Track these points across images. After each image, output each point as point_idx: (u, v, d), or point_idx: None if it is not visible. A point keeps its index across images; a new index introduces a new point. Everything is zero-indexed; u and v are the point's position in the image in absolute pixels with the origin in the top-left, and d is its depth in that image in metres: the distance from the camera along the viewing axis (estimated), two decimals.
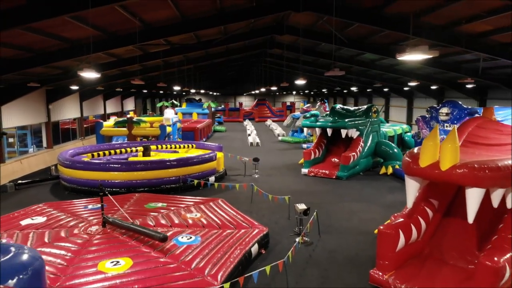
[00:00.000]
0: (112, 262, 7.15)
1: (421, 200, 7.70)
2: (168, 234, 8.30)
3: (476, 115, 13.74)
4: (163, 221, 9.43)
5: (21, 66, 11.17)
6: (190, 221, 9.49)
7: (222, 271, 6.94)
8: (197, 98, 52.53)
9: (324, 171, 16.82)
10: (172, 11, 9.86)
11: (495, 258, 5.96)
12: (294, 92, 60.01)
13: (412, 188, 6.76)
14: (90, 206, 11.00)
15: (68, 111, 23.51)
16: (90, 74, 9.51)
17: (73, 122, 25.40)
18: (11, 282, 3.77)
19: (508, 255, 6.15)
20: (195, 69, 27.03)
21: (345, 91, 36.82)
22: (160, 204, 10.97)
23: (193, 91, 34.63)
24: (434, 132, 6.42)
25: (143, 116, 25.20)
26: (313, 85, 42.66)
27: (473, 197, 6.04)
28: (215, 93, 57.49)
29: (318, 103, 31.23)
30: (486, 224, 7.38)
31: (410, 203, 6.91)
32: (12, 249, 4.24)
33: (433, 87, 21.98)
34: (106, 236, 8.49)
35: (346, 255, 8.60)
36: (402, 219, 7.37)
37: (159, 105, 36.65)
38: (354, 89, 31.22)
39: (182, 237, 8.34)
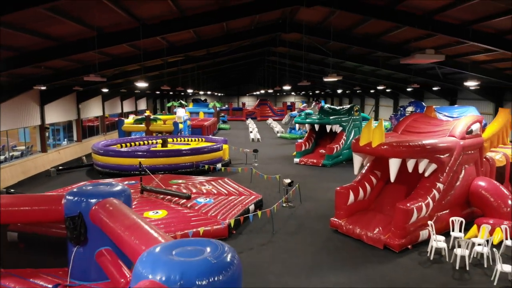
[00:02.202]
0: (153, 212, 10.43)
1: (368, 171, 10.91)
2: None
3: (435, 112, 16.94)
4: (184, 191, 12.69)
5: (72, 74, 14.49)
6: (204, 191, 12.78)
7: (229, 217, 10.20)
8: (202, 98, 55.79)
9: (312, 160, 20.03)
10: (191, 35, 13.12)
11: (407, 204, 9.14)
12: (293, 93, 63.12)
13: (357, 160, 10.01)
14: (126, 182, 14.29)
15: (93, 110, 26.94)
16: (142, 84, 12.88)
17: (94, 120, 28.73)
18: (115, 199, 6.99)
19: (418, 204, 9.31)
20: (203, 73, 30.33)
21: (338, 91, 40.06)
22: (180, 181, 14.27)
23: (201, 92, 37.94)
24: (369, 122, 9.64)
25: (158, 115, 28.53)
26: (309, 87, 45.93)
27: (393, 164, 9.25)
28: (219, 94, 60.67)
29: (313, 103, 34.39)
30: (412, 187, 10.55)
31: (356, 171, 10.17)
32: (111, 185, 7.48)
33: (409, 89, 25.14)
34: (145, 199, 11.79)
35: (318, 213, 11.82)
36: (353, 184, 10.60)
37: (168, 105, 40.00)
38: (340, 91, 34.48)
39: (200, 199, 11.63)
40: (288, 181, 12.84)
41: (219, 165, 17.90)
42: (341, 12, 11.08)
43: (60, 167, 18.91)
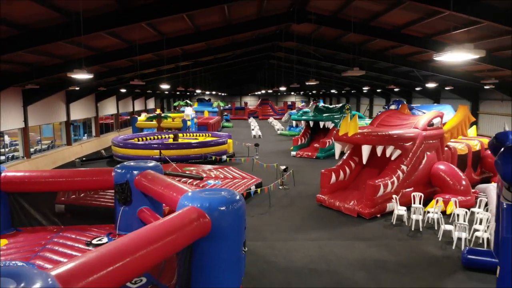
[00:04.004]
0: None
1: (348, 157, 13.31)
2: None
3: (414, 110, 19.30)
4: None
5: (99, 77, 16.97)
6: (213, 175, 15.22)
7: None
8: (206, 98, 58.21)
9: (307, 153, 22.43)
10: (203, 44, 15.59)
11: (376, 181, 11.51)
12: (293, 93, 65.45)
13: (337, 147, 12.43)
14: None
15: (109, 108, 29.49)
16: (165, 86, 15.39)
17: (106, 118, 31.21)
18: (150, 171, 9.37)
19: (384, 181, 11.67)
20: (208, 74, 32.82)
21: (335, 92, 42.49)
22: (192, 168, 16.71)
23: (207, 92, 40.48)
24: (346, 117, 12.04)
25: (168, 113, 31.01)
26: (308, 87, 48.45)
27: (364, 150, 11.65)
28: (222, 94, 63.03)
29: (311, 103, 36.81)
30: (383, 169, 12.92)
31: (337, 156, 12.59)
32: (147, 161, 9.89)
33: (396, 89, 27.52)
34: None
35: (308, 193, 14.21)
36: (335, 167, 13.00)
37: (175, 104, 42.56)
38: (333, 91, 36.93)
39: (210, 181, 14.08)
40: (283, 167, 15.25)
41: (224, 156, 20.33)
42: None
43: (84, 158, 21.36)
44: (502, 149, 5.86)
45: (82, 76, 9.70)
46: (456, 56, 8.42)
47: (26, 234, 9.60)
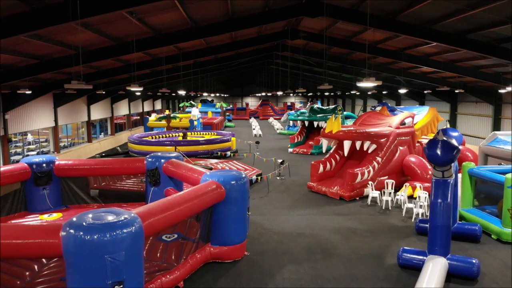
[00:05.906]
0: None
1: (334, 151, 15.87)
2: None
3: (397, 111, 21.81)
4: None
5: (122, 83, 19.62)
6: (220, 167, 17.80)
7: None
8: (209, 99, 60.77)
9: (303, 149, 25.00)
10: (212, 56, 18.21)
11: (355, 170, 14.06)
12: (291, 94, 67.90)
13: (324, 143, 14.99)
14: None
15: (122, 109, 32.12)
16: (182, 92, 18.00)
17: (119, 118, 33.81)
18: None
19: (362, 171, 14.20)
20: (214, 79, 35.46)
21: (332, 94, 45.12)
22: (201, 161, 19.30)
23: (212, 94, 43.11)
24: (332, 117, 14.60)
25: (176, 113, 33.62)
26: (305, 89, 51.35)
27: (346, 144, 14.21)
28: (225, 95, 65.52)
29: (308, 104, 39.37)
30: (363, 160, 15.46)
31: (324, 149, 15.15)
32: (170, 153, 12.47)
33: (385, 92, 30.12)
34: None
35: (301, 182, 16.77)
36: (323, 159, 15.57)
37: (181, 105, 45.23)
38: (327, 93, 39.58)
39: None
40: (280, 160, 17.83)
41: (228, 152, 22.92)
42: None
43: (103, 154, 23.95)
44: (429, 139, 8.41)
45: (136, 88, 12.31)
46: (367, 84, 12.75)
47: (74, 209, 12.21)
